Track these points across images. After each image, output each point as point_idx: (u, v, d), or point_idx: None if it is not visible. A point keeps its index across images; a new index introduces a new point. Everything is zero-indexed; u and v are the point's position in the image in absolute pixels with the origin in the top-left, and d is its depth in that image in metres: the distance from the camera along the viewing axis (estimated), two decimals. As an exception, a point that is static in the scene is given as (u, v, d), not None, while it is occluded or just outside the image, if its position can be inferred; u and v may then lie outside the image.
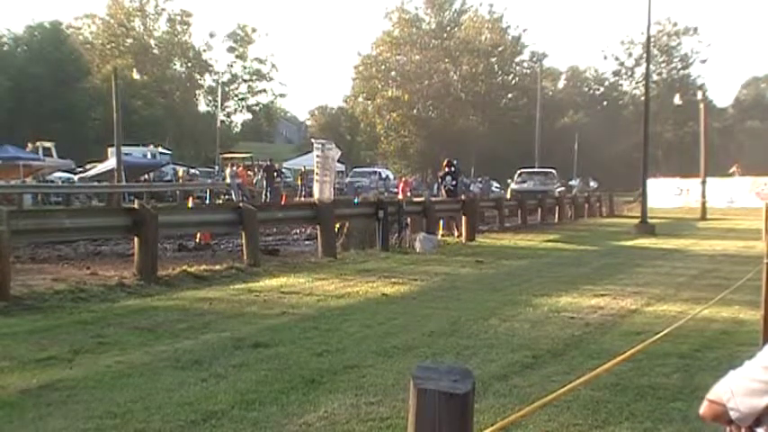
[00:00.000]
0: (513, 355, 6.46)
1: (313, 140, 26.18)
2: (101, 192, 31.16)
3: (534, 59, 75.20)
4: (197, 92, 79.38)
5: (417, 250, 15.85)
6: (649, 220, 24.05)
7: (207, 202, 32.88)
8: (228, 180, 37.47)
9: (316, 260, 13.75)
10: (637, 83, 79.82)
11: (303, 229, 20.77)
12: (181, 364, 5.99)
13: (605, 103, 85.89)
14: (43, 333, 7.10)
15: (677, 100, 54.29)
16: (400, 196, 38.30)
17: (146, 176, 39.65)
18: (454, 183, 22.91)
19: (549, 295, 9.79)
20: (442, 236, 19.26)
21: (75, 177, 37.19)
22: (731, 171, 43.84)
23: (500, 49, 76.83)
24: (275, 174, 40.12)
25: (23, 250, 14.70)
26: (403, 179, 48.36)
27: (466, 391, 1.70)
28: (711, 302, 7.83)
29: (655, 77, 70.67)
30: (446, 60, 76.05)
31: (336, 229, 15.61)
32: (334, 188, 23.72)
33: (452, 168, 23.18)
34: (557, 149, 65.23)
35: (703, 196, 33.81)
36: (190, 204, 21.55)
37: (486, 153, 68.16)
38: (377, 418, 4.68)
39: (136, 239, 10.80)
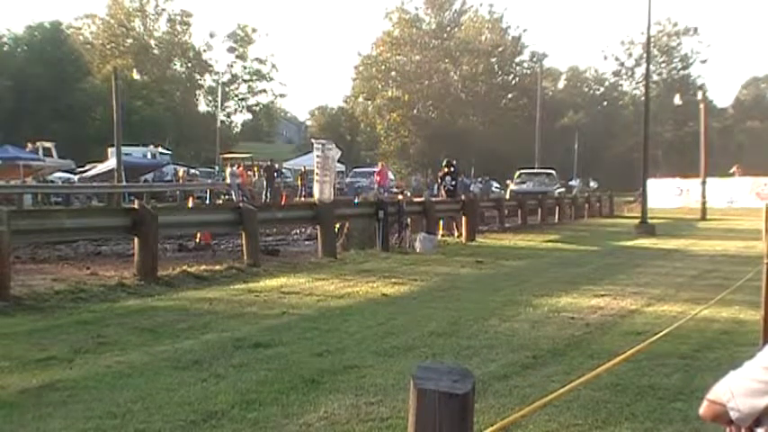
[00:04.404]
0: (514, 355, 6.46)
1: (313, 140, 26.18)
2: (101, 192, 31.16)
3: (534, 59, 75.00)
4: (197, 92, 79.34)
5: (417, 250, 15.85)
6: (649, 221, 24.07)
7: (207, 202, 32.89)
8: (228, 180, 37.48)
9: (316, 260, 13.75)
10: (637, 83, 79.79)
11: (303, 230, 20.77)
12: (181, 364, 5.99)
13: (605, 103, 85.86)
14: (43, 333, 7.10)
15: (677, 100, 54.26)
16: (376, 179, 37.91)
17: (146, 178, 39.68)
18: (454, 183, 22.91)
19: (550, 295, 9.79)
20: (442, 236, 19.25)
21: (75, 177, 37.20)
22: (731, 171, 43.80)
23: (500, 49, 76.72)
24: (275, 174, 40.13)
25: (23, 250, 14.69)
26: (381, 164, 43.54)
27: (466, 392, 1.70)
28: (711, 303, 7.83)
29: (655, 77, 70.64)
30: (446, 60, 75.97)
31: (336, 230, 15.61)
32: (334, 188, 23.71)
33: (452, 169, 23.19)
34: (557, 149, 65.22)
35: (703, 196, 33.80)
36: (190, 204, 21.55)
37: (486, 153, 68.10)
38: (377, 418, 4.68)
39: (136, 239, 10.79)
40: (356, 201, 21.13)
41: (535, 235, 21.39)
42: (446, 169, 23.26)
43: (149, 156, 45.17)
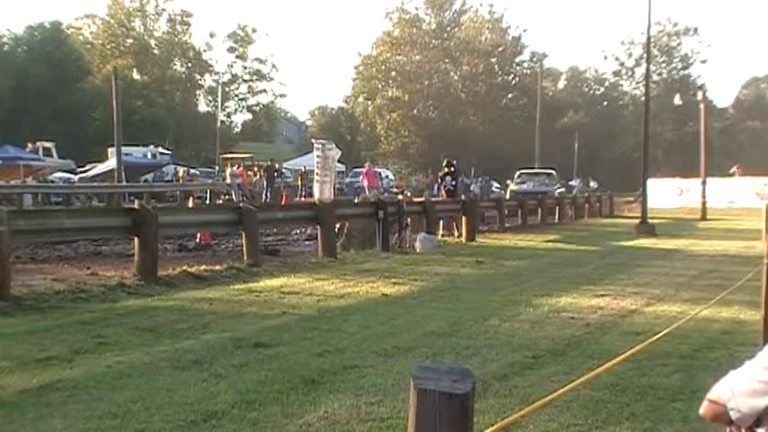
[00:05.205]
0: (514, 355, 6.46)
1: (313, 141, 26.18)
2: (101, 192, 31.16)
3: (534, 59, 75.08)
4: (197, 92, 79.34)
5: (417, 250, 15.85)
6: (649, 221, 24.06)
7: (207, 202, 32.89)
8: (229, 180, 37.48)
9: (316, 260, 13.75)
10: (637, 83, 79.79)
11: (303, 230, 20.77)
12: (181, 364, 5.99)
13: (605, 103, 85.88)
14: (43, 333, 7.10)
15: (677, 100, 54.22)
16: (365, 183, 37.86)
17: (146, 178, 39.68)
18: (454, 183, 22.93)
19: (550, 295, 9.78)
20: (442, 236, 19.25)
21: (76, 177, 37.20)
22: (731, 171, 43.80)
23: (500, 49, 76.73)
24: (275, 174, 40.13)
25: (23, 250, 14.70)
26: (367, 165, 42.32)
27: (466, 392, 1.70)
28: (711, 303, 7.83)
29: (655, 77, 70.65)
30: (446, 60, 75.98)
31: (336, 230, 15.61)
32: (334, 188, 23.72)
33: (452, 169, 23.21)
34: (557, 149, 65.23)
35: (703, 196, 33.80)
36: (190, 204, 21.57)
37: (486, 153, 68.13)
38: (377, 418, 4.68)
39: (136, 239, 10.79)
40: (356, 201, 21.13)
41: (535, 235, 21.38)
42: (446, 169, 23.27)
43: (149, 156, 45.18)
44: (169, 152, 51.47)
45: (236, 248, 15.07)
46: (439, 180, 24.64)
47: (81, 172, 38.75)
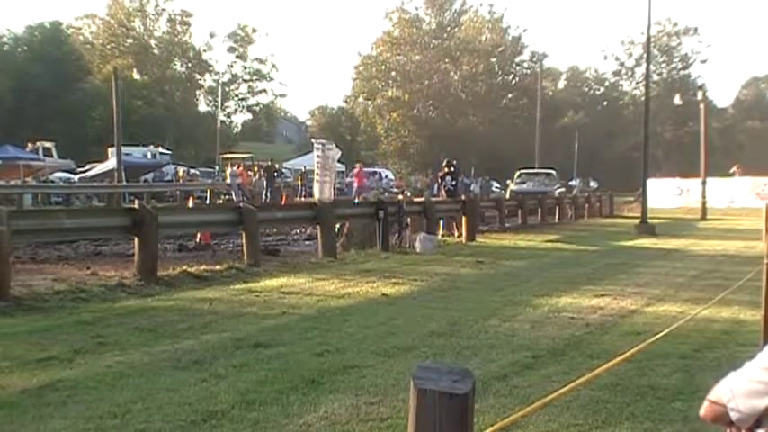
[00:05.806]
0: (514, 355, 6.46)
1: (313, 140, 26.17)
2: (101, 192, 31.16)
3: (534, 59, 74.95)
4: (197, 92, 79.29)
5: (417, 250, 15.85)
6: (649, 221, 24.06)
7: (207, 202, 32.89)
8: (229, 180, 37.48)
9: (316, 260, 13.75)
10: (637, 83, 79.76)
11: (303, 230, 20.77)
12: (181, 364, 5.99)
13: (605, 103, 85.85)
14: (43, 333, 7.10)
15: (677, 100, 54.25)
16: (355, 184, 37.87)
17: (146, 178, 39.69)
18: (454, 183, 22.94)
19: (550, 295, 9.78)
20: (442, 236, 19.25)
21: (76, 177, 37.22)
22: (731, 171, 43.80)
23: (500, 49, 76.72)
24: (275, 174, 40.12)
25: (23, 250, 14.70)
26: (358, 166, 42.10)
27: (466, 392, 1.70)
28: (711, 303, 7.83)
29: (655, 77, 70.58)
30: (446, 60, 75.96)
31: (336, 230, 15.61)
32: (334, 188, 23.71)
33: (452, 169, 23.22)
34: (557, 149, 65.21)
35: (703, 196, 33.81)
36: (190, 204, 21.56)
37: (486, 153, 68.07)
38: (377, 418, 4.68)
39: (136, 239, 10.79)
40: (356, 201, 21.13)
41: (535, 235, 21.38)
42: (446, 169, 23.28)
43: (149, 156, 45.20)
44: (169, 152, 51.47)
45: (236, 248, 15.06)
46: (439, 180, 24.64)
47: (81, 172, 38.76)
